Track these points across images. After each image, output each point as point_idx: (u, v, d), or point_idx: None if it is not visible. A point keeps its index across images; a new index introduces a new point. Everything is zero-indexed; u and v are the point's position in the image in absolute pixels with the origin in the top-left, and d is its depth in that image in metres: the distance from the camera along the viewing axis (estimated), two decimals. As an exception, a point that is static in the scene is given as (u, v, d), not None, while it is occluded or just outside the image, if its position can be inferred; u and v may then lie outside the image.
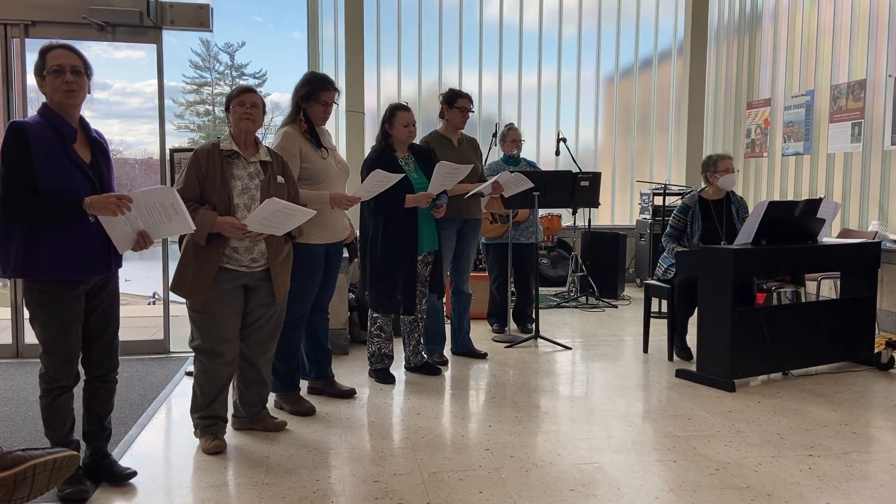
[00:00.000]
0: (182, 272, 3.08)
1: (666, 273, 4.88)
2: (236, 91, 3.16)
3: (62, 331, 2.64)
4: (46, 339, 2.65)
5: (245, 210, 3.08)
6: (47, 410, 2.72)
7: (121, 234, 2.64)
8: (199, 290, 3.05)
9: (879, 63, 5.94)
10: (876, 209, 5.98)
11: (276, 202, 2.96)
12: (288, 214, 3.04)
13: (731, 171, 4.78)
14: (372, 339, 4.30)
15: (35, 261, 2.56)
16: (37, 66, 2.60)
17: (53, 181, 2.53)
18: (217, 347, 3.15)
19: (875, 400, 3.95)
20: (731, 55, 8.18)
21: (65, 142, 2.58)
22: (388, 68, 8.31)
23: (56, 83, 2.56)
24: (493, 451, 3.20)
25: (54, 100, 2.60)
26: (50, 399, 2.70)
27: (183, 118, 25.41)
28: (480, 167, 4.79)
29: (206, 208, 3.00)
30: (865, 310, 4.65)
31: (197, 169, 3.05)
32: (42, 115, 2.60)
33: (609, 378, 4.41)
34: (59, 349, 2.66)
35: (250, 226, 3.01)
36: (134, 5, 4.79)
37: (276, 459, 3.10)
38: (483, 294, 5.80)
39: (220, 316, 3.12)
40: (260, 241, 3.13)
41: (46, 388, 2.70)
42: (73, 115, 2.65)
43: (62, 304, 2.62)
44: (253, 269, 3.16)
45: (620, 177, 8.86)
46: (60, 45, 2.61)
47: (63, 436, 2.74)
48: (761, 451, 3.19)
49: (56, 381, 2.69)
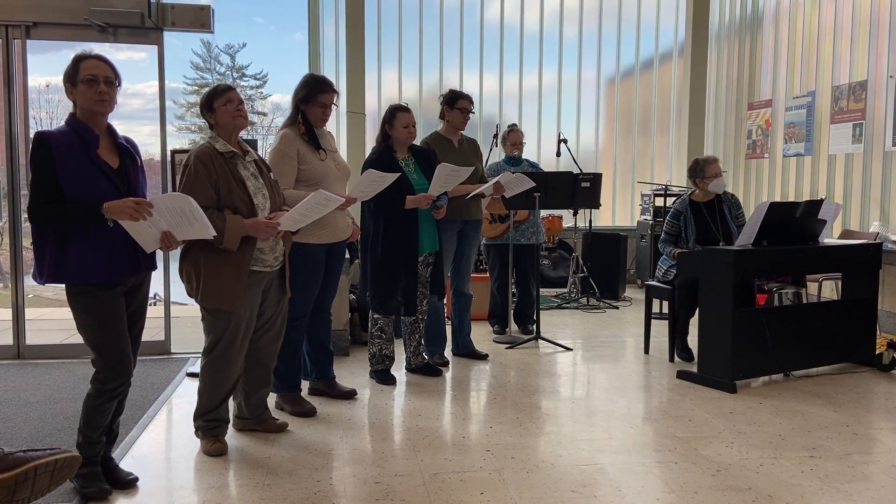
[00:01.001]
0: (216, 282, 2.99)
1: (667, 274, 4.88)
2: (221, 89, 3.10)
3: (108, 330, 2.67)
4: (96, 342, 2.68)
5: (262, 210, 3.08)
6: (94, 410, 2.74)
7: (145, 236, 2.66)
8: (238, 295, 3.02)
9: (880, 64, 5.94)
10: (877, 210, 5.98)
11: (321, 193, 3.00)
12: (323, 206, 3.07)
13: (719, 174, 4.78)
14: (373, 340, 4.30)
15: (65, 265, 2.60)
16: (68, 73, 2.63)
17: (78, 187, 2.57)
18: (237, 353, 3.15)
19: (876, 401, 3.95)
20: (732, 56, 8.18)
21: (88, 148, 2.61)
22: (389, 69, 8.31)
23: (89, 93, 2.61)
24: (494, 452, 3.20)
25: (85, 108, 2.64)
26: (101, 401, 2.73)
27: (184, 119, 25.42)
28: (481, 168, 4.79)
29: (228, 213, 2.98)
30: (866, 311, 4.64)
31: (207, 174, 2.98)
32: (68, 125, 2.66)
33: (610, 379, 4.41)
34: (109, 348, 2.68)
35: (284, 224, 3.03)
36: (135, 6, 4.79)
37: (277, 460, 3.10)
38: (484, 295, 5.80)
39: (246, 321, 3.12)
40: (280, 239, 3.15)
41: (101, 388, 2.72)
42: (100, 122, 2.69)
43: (103, 304, 2.65)
44: (274, 269, 3.19)
45: (621, 178, 8.85)
46: (94, 56, 2.66)
47: (98, 434, 2.78)
48: (762, 452, 3.19)
49: (109, 383, 2.71)
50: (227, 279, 3.00)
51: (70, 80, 2.64)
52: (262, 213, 3.08)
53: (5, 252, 5.21)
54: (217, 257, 2.98)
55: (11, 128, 4.80)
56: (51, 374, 4.47)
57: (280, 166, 3.54)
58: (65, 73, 2.65)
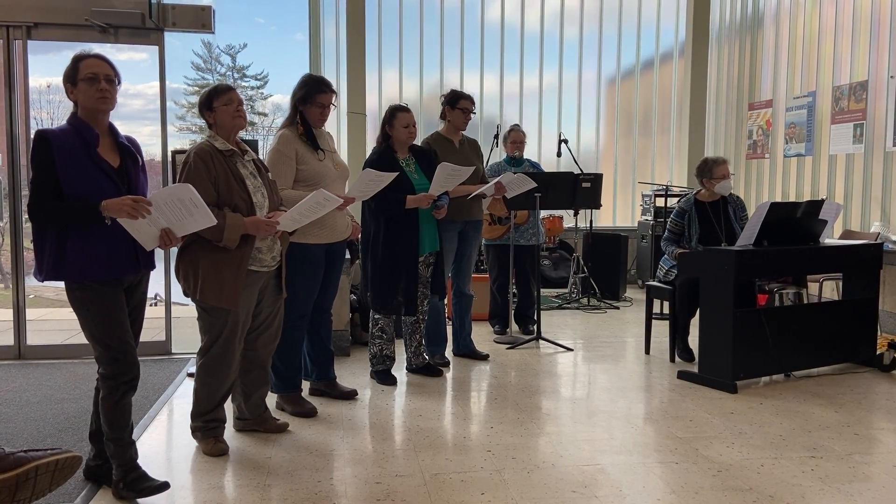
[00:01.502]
0: (216, 279, 3.00)
1: (667, 274, 4.88)
2: (222, 89, 3.12)
3: (111, 325, 2.65)
4: (101, 335, 2.65)
5: (261, 209, 3.09)
6: (113, 410, 2.69)
7: (144, 234, 2.65)
8: (237, 293, 3.03)
9: (881, 64, 5.94)
10: (878, 210, 5.97)
11: (321, 193, 3.00)
12: (322, 206, 3.07)
13: (727, 176, 4.78)
14: (373, 341, 4.30)
15: (64, 263, 2.59)
16: (68, 73, 2.63)
17: (77, 186, 2.56)
18: (233, 353, 3.15)
19: (877, 401, 3.95)
20: (733, 56, 8.18)
21: (88, 147, 2.61)
22: (390, 70, 8.31)
23: (91, 91, 2.61)
24: (494, 452, 3.20)
25: (86, 106, 2.64)
26: (117, 398, 2.69)
27: (185, 120, 25.45)
28: (482, 168, 4.80)
29: (228, 211, 2.98)
30: (867, 311, 4.64)
31: (207, 172, 2.99)
32: (70, 124, 2.66)
33: (611, 379, 4.40)
34: (113, 344, 2.66)
35: (283, 223, 3.03)
36: (136, 7, 4.80)
37: (277, 461, 3.10)
38: (484, 295, 5.80)
39: (242, 320, 3.12)
40: (277, 239, 3.16)
41: (113, 384, 2.68)
42: (101, 120, 2.69)
43: (104, 300, 2.64)
44: (271, 268, 3.19)
45: (622, 178, 8.85)
46: (94, 55, 2.66)
47: (128, 434, 2.75)
48: (763, 452, 3.19)
49: (120, 377, 2.68)
50: (227, 277, 3.00)
51: (70, 80, 2.64)
52: (262, 211, 3.09)
53: (6, 252, 5.22)
54: (216, 255, 2.99)
55: (12, 128, 4.81)
56: (52, 375, 4.47)
57: (278, 166, 3.54)
58: (64, 74, 2.65)
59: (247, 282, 3.08)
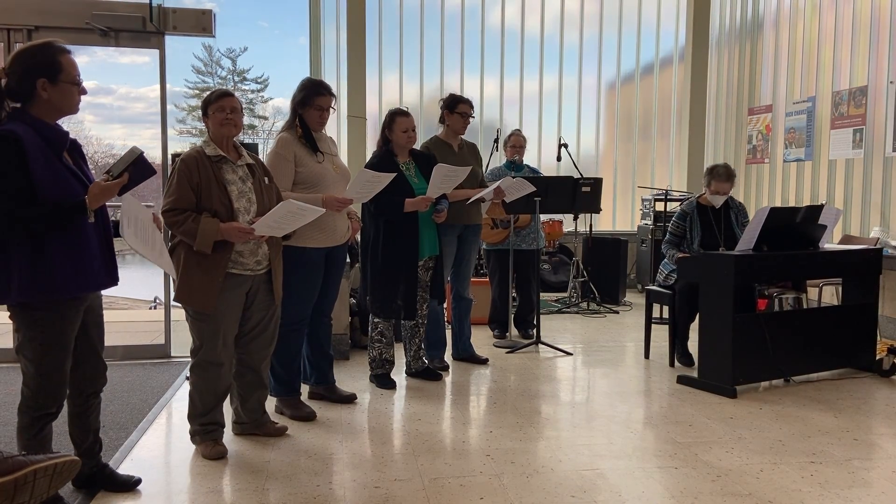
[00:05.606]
0: (187, 281, 3.03)
1: (667, 279, 4.88)
2: (215, 96, 3.13)
3: (63, 353, 2.51)
4: (44, 364, 2.47)
5: (245, 214, 3.09)
6: (35, 440, 2.53)
7: (143, 247, 2.60)
8: (209, 297, 3.03)
9: (881, 69, 5.95)
10: (877, 215, 5.98)
11: (292, 203, 2.99)
12: (299, 215, 3.06)
13: (722, 193, 4.75)
14: (373, 345, 4.30)
15: (36, 278, 2.38)
16: (43, 65, 2.39)
17: (53, 189, 2.37)
18: (220, 356, 3.15)
19: (876, 407, 3.94)
20: (733, 61, 8.19)
21: (57, 149, 2.46)
22: (390, 74, 8.33)
23: (73, 91, 2.47)
24: (493, 456, 3.19)
25: (63, 108, 2.47)
26: (37, 429, 2.54)
27: (185, 123, 25.48)
28: (481, 172, 4.80)
29: (206, 216, 2.99)
30: (867, 316, 4.64)
31: (189, 177, 3.01)
32: (26, 123, 2.39)
33: (610, 384, 4.40)
34: (56, 374, 2.51)
35: (259, 230, 3.02)
36: (137, 11, 4.81)
37: (276, 465, 3.10)
38: (484, 299, 5.80)
39: (225, 324, 3.12)
40: (263, 243, 3.15)
41: (35, 416, 2.52)
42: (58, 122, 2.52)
43: (66, 324, 2.49)
44: (257, 272, 3.18)
45: (622, 182, 8.86)
46: (70, 52, 2.50)
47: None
48: (763, 457, 3.19)
49: (45, 409, 2.52)
50: (201, 280, 3.02)
51: (51, 75, 2.40)
52: (245, 217, 3.08)
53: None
54: (192, 258, 3.01)
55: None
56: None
57: (276, 169, 3.55)
58: (40, 65, 2.40)
59: (228, 285, 3.07)
